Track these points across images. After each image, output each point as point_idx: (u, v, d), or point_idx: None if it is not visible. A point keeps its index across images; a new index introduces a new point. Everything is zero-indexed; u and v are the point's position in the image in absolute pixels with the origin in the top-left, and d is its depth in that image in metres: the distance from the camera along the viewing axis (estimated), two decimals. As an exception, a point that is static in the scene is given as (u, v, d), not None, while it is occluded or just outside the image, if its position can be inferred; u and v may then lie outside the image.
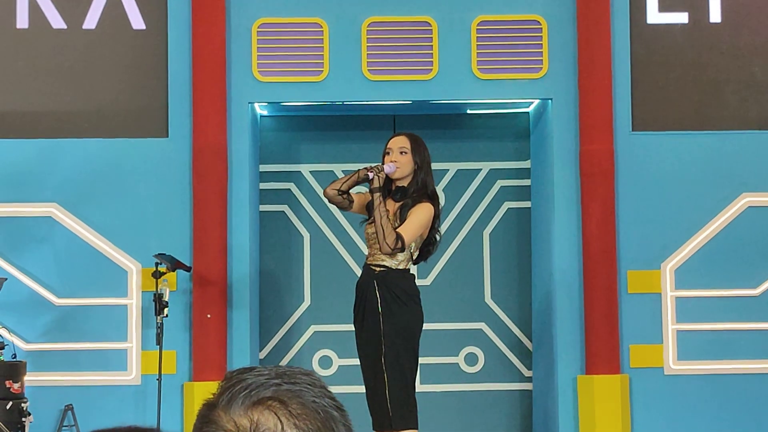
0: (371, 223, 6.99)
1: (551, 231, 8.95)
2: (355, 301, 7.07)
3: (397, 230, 6.82)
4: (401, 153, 7.02)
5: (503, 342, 9.49)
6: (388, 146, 7.09)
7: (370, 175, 6.87)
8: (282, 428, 1.65)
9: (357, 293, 7.05)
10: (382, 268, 6.93)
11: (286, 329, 9.45)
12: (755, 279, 8.95)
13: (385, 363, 6.80)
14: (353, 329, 9.57)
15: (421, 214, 6.91)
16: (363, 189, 7.30)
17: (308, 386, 1.72)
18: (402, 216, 6.93)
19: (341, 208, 7.26)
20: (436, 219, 7.07)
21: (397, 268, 6.94)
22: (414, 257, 7.10)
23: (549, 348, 8.99)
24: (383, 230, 6.78)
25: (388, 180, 7.04)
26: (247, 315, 8.78)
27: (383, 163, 7.04)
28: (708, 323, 8.91)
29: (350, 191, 7.13)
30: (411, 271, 7.11)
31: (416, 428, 6.88)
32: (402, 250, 6.84)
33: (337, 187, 7.06)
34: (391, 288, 6.88)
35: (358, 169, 7.06)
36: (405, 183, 7.04)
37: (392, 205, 7.05)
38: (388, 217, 6.85)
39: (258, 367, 1.75)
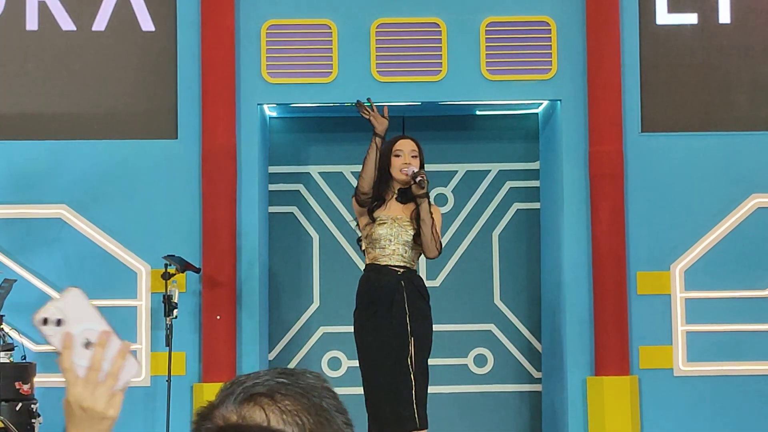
0: (382, 223, 6.99)
1: (560, 232, 8.94)
2: (371, 303, 7.00)
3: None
4: (413, 156, 7.06)
5: (512, 343, 9.49)
6: (396, 148, 7.07)
7: (417, 178, 6.85)
8: (268, 422, 1.66)
9: (375, 294, 6.97)
10: (404, 269, 6.98)
11: (295, 331, 9.45)
12: (765, 280, 8.93)
13: (414, 363, 6.80)
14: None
15: (438, 217, 7.10)
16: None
17: (311, 386, 1.72)
18: (419, 218, 6.97)
19: (366, 207, 7.11)
20: None
21: (414, 269, 7.08)
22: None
23: (558, 349, 8.98)
24: (436, 236, 6.92)
25: (390, 182, 7.06)
26: (257, 316, 8.79)
27: (390, 163, 7.03)
28: (718, 324, 8.90)
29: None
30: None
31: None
32: (440, 253, 7.04)
33: (369, 176, 7.00)
34: (418, 288, 7.01)
35: (373, 139, 7.03)
36: (405, 186, 7.06)
37: (399, 208, 7.06)
38: (401, 222, 6.95)
39: (265, 370, 1.76)
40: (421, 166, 7.08)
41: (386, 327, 6.92)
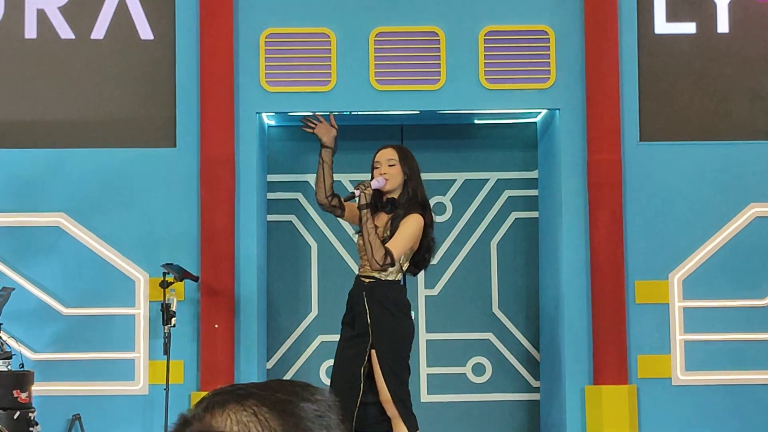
0: (358, 233, 7.02)
1: (559, 241, 8.94)
2: (345, 312, 7.10)
3: (386, 246, 6.83)
4: (390, 165, 7.03)
5: (511, 352, 9.48)
6: (375, 159, 7.10)
7: (356, 192, 6.88)
8: (231, 427, 1.65)
9: (347, 304, 7.09)
10: (371, 280, 6.97)
11: (294, 339, 9.44)
12: (763, 289, 8.93)
13: (383, 373, 6.82)
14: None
15: (409, 227, 6.91)
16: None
17: (296, 395, 1.71)
18: (393, 228, 6.94)
19: (335, 215, 7.29)
20: (429, 227, 7.05)
21: (386, 280, 6.97)
22: (404, 268, 7.09)
23: (557, 358, 8.98)
24: (372, 247, 6.80)
25: (380, 193, 7.05)
26: (255, 325, 8.78)
27: (372, 178, 7.05)
28: (716, 333, 8.90)
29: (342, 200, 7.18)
30: (401, 283, 7.13)
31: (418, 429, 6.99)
32: (392, 264, 6.87)
33: (319, 189, 7.11)
34: (380, 300, 6.92)
35: (321, 163, 7.07)
36: (396, 194, 7.04)
37: (384, 218, 7.05)
38: (376, 232, 6.86)
39: (249, 383, 1.75)
40: (411, 169, 7.05)
41: (349, 338, 7.00)
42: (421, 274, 9.44)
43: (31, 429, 7.97)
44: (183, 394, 8.65)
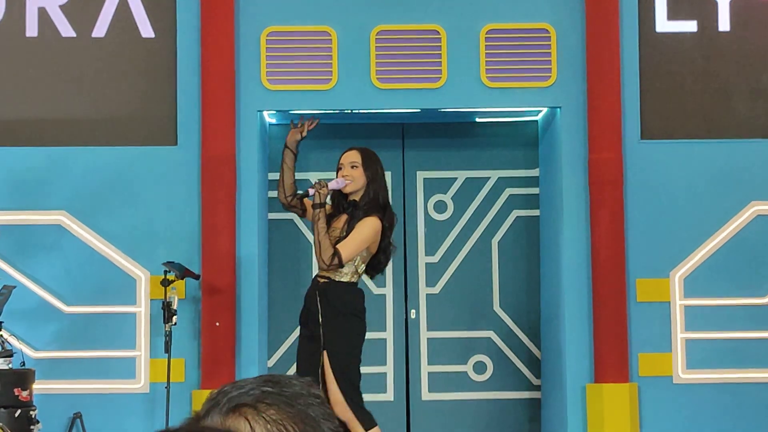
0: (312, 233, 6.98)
1: (560, 239, 8.94)
2: (301, 310, 7.10)
3: (336, 246, 6.79)
4: (352, 167, 6.98)
5: (512, 350, 9.48)
6: (340, 161, 7.06)
7: (311, 191, 6.84)
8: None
9: (304, 303, 7.08)
10: (325, 280, 6.92)
11: (295, 337, 9.43)
12: (764, 287, 8.93)
13: (334, 374, 6.81)
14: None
15: (362, 229, 6.86)
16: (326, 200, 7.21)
17: (297, 393, 1.71)
18: (349, 229, 6.89)
19: (297, 214, 7.28)
20: (388, 231, 6.97)
21: (340, 281, 6.90)
22: (359, 270, 6.99)
23: (558, 356, 8.98)
24: (320, 246, 6.78)
25: (344, 195, 7.00)
26: (256, 323, 8.78)
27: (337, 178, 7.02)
28: (717, 332, 8.90)
29: (304, 201, 7.14)
30: (358, 285, 7.02)
31: (377, 424, 7.03)
32: (340, 265, 6.82)
33: (282, 194, 7.08)
34: (332, 301, 6.87)
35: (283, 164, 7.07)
36: (358, 197, 6.99)
37: (342, 219, 7.01)
38: (333, 233, 6.82)
39: (251, 378, 1.75)
40: (373, 172, 6.99)
41: (303, 334, 7.02)
42: (423, 273, 9.48)
43: (32, 427, 7.97)
44: (184, 393, 8.65)
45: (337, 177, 7.04)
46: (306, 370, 6.89)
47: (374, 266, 7.06)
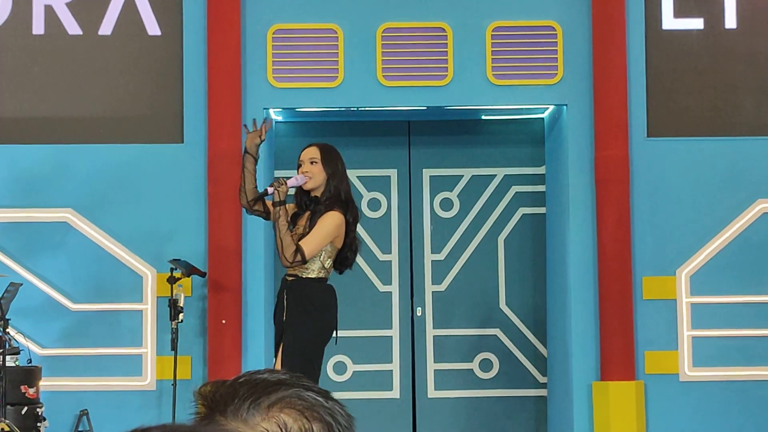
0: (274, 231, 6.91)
1: (566, 237, 8.94)
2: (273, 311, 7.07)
3: (298, 243, 6.72)
4: (312, 163, 6.87)
5: (518, 348, 9.48)
6: (300, 158, 6.97)
7: (270, 190, 6.73)
8: (309, 424, 1.65)
9: (276, 302, 7.03)
10: (293, 278, 6.85)
11: (301, 335, 9.44)
12: (771, 285, 8.93)
13: (282, 368, 6.80)
14: (368, 335, 9.58)
15: (325, 224, 6.77)
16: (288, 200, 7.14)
17: (300, 386, 1.71)
18: (311, 225, 6.81)
19: (262, 218, 7.12)
20: (351, 225, 6.88)
21: (307, 277, 6.82)
22: (326, 266, 6.88)
23: (564, 354, 8.97)
24: (281, 243, 6.69)
25: (306, 192, 6.91)
26: (262, 320, 8.78)
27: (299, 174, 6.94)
28: (723, 329, 8.89)
29: (266, 202, 7.03)
30: (326, 281, 6.91)
31: None
32: (303, 262, 6.74)
33: (244, 198, 6.98)
34: (298, 297, 6.80)
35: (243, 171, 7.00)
36: (319, 193, 6.89)
37: (305, 216, 6.92)
38: (289, 229, 6.76)
39: (231, 380, 1.74)
40: (333, 168, 6.88)
41: (275, 332, 6.96)
42: (429, 270, 9.48)
43: (38, 424, 7.98)
44: (190, 390, 8.64)
45: (297, 174, 6.97)
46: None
47: (341, 261, 6.96)
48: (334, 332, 6.95)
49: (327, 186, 6.89)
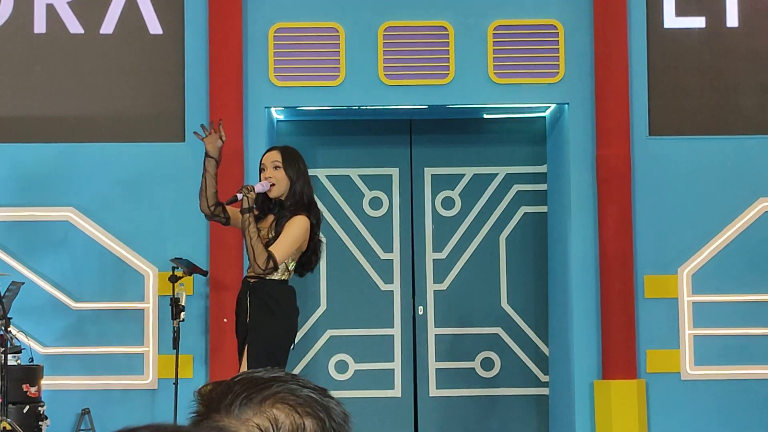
0: (244, 238, 6.86)
1: (568, 236, 8.94)
2: (235, 314, 6.97)
3: (269, 249, 6.66)
4: (275, 168, 6.81)
5: (519, 347, 9.48)
6: (261, 162, 6.91)
7: (239, 196, 6.68)
8: (301, 420, 1.65)
9: (236, 306, 6.93)
10: (256, 280, 6.78)
11: (302, 334, 9.44)
12: (772, 284, 8.93)
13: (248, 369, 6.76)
14: (369, 334, 9.57)
15: (292, 229, 6.73)
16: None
17: (295, 382, 1.71)
18: (277, 229, 6.76)
19: (221, 224, 7.09)
20: (315, 228, 6.84)
21: (270, 279, 6.77)
22: (290, 268, 6.85)
23: (565, 353, 8.98)
24: (254, 251, 6.63)
25: (267, 196, 6.85)
26: (264, 319, 8.78)
27: (260, 180, 6.88)
28: (725, 328, 8.89)
29: (226, 207, 6.98)
30: (288, 283, 6.88)
31: None
32: (275, 268, 6.70)
33: (205, 203, 6.92)
34: (263, 298, 6.75)
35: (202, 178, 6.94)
36: (283, 197, 6.83)
37: (270, 220, 6.86)
38: (260, 235, 6.71)
39: (228, 380, 1.74)
40: (296, 171, 6.82)
41: (237, 333, 6.89)
42: (430, 269, 9.48)
43: (40, 423, 7.99)
44: (192, 389, 8.63)
45: (260, 177, 6.89)
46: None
47: (305, 264, 6.92)
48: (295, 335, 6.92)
49: (291, 190, 6.82)
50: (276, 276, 6.79)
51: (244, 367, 6.74)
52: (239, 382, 1.70)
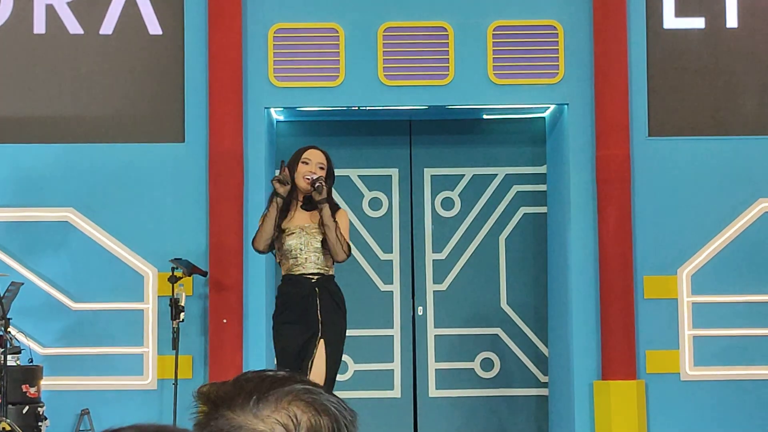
0: (291, 234, 6.91)
1: (567, 236, 8.94)
2: (286, 309, 6.95)
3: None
4: (320, 168, 6.95)
5: (519, 347, 9.48)
6: (304, 156, 6.98)
7: (322, 184, 6.81)
8: (319, 417, 1.66)
9: (287, 304, 6.94)
10: (318, 276, 6.90)
11: (302, 334, 9.44)
12: (772, 285, 8.93)
13: (327, 362, 6.81)
14: (369, 334, 9.55)
15: (347, 222, 7.03)
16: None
17: (304, 382, 1.73)
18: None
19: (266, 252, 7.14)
20: None
21: (330, 275, 6.98)
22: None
23: (565, 353, 8.98)
24: (340, 241, 6.83)
25: (294, 191, 6.96)
26: (263, 320, 8.78)
27: (294, 170, 6.92)
28: (724, 329, 8.89)
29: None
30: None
31: None
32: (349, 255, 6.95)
33: (268, 235, 6.95)
34: (332, 294, 6.93)
35: (274, 198, 6.94)
36: (307, 194, 6.95)
37: (305, 216, 6.96)
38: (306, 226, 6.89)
39: (231, 379, 1.75)
40: (332, 178, 7.00)
41: (296, 332, 6.89)
42: (430, 270, 9.48)
43: (40, 424, 7.99)
44: (191, 389, 8.64)
45: (296, 168, 6.95)
46: (296, 364, 6.80)
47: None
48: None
49: (329, 192, 7.02)
50: (332, 271, 7.01)
51: (320, 365, 6.81)
52: (250, 381, 1.71)
